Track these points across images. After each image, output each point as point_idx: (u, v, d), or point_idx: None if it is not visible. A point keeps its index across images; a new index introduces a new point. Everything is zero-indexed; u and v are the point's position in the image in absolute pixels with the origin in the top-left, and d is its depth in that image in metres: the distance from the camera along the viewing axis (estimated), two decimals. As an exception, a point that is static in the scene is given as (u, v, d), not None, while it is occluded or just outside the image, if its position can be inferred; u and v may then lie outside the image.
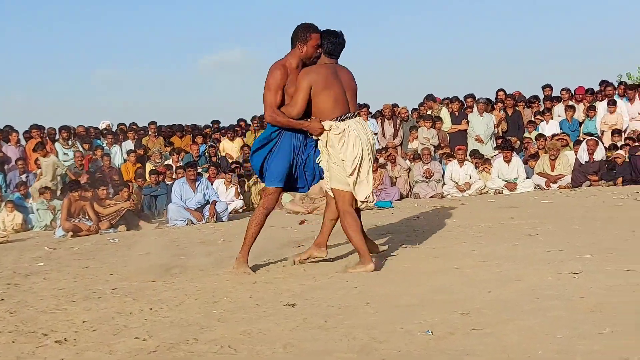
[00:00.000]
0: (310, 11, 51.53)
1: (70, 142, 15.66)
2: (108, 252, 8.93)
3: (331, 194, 6.39)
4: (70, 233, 11.36)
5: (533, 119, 16.18)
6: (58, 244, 10.48)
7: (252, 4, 50.82)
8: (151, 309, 5.09)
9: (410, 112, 16.84)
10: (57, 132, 15.80)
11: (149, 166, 15.32)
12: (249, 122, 17.94)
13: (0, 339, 4.43)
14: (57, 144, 15.48)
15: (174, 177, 14.04)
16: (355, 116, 6.13)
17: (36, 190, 13.45)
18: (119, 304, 5.36)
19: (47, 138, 15.47)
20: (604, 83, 16.80)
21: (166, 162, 15.30)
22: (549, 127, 15.80)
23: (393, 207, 12.61)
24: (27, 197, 13.50)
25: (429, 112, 16.44)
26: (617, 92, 16.22)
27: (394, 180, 14.43)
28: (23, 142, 15.75)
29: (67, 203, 11.78)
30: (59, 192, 13.51)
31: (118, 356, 3.90)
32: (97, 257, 8.52)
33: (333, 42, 6.09)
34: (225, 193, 13.61)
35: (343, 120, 5.97)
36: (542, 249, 6.59)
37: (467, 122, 15.84)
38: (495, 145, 15.56)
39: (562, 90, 16.73)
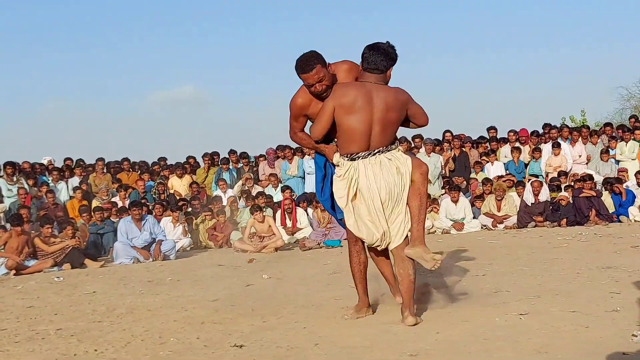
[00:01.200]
0: (262, 50, 51.68)
1: (15, 178, 15.38)
2: (52, 291, 8.76)
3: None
4: (13, 271, 11.13)
5: (480, 160, 16.45)
6: (0, 282, 10.25)
7: (204, 41, 50.77)
8: (96, 350, 5.03)
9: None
10: (2, 167, 15.53)
11: (95, 203, 15.13)
12: (198, 159, 17.86)
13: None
14: (1, 180, 15.21)
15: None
16: (376, 154, 5.36)
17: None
18: (64, 345, 5.28)
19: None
20: (548, 126, 17.22)
21: (112, 199, 15.14)
22: (494, 169, 16.07)
23: (342, 246, 12.62)
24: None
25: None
26: (560, 135, 16.65)
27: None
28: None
29: (6, 237, 11.57)
30: None
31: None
32: (41, 296, 8.35)
33: (370, 55, 5.30)
34: (172, 231, 13.48)
35: (353, 159, 5.34)
36: (489, 289, 6.67)
37: (415, 163, 15.98)
38: (442, 185, 15.76)
39: (510, 132, 17.05)
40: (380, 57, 5.28)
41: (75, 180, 16.24)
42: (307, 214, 14.06)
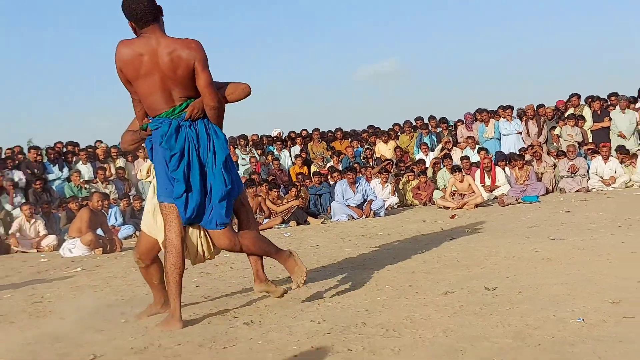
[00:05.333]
0: (458, 22, 50.62)
1: (247, 149, 16.33)
2: (282, 245, 9.07)
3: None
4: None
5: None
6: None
7: (407, 16, 50.48)
8: (323, 298, 5.18)
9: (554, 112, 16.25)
10: (237, 140, 16.53)
11: (313, 168, 15.69)
12: (403, 125, 17.86)
13: (197, 321, 4.71)
14: (237, 150, 16.17)
15: (333, 175, 14.30)
16: None
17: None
18: (296, 290, 5.51)
19: (231, 145, 16.17)
20: None
21: (328, 165, 15.58)
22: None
23: (540, 202, 12.25)
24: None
25: (571, 111, 15.81)
26: None
27: (540, 176, 14.00)
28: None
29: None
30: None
31: (298, 337, 4.03)
32: (273, 249, 8.79)
33: None
34: (381, 191, 13.70)
35: None
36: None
37: (610, 119, 15.11)
38: (639, 141, 14.73)
39: None
40: None
41: (296, 149, 16.88)
42: (505, 172, 13.73)
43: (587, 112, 15.50)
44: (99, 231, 10.70)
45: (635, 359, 3.09)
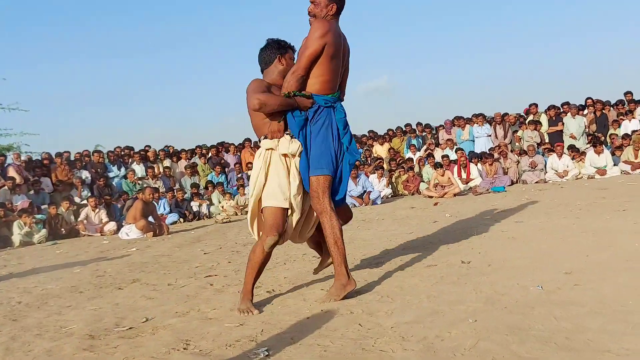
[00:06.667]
0: (437, 44, 50.30)
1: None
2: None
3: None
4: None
5: (617, 119, 15.04)
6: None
7: (396, 37, 50.11)
8: (332, 272, 5.16)
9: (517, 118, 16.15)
10: (252, 143, 16.51)
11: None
12: (395, 130, 17.78)
13: (229, 290, 4.70)
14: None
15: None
16: None
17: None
18: (308, 265, 5.51)
19: (254, 147, 16.13)
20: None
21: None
22: (632, 125, 14.59)
23: (506, 191, 12.17)
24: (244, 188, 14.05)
25: (531, 117, 15.71)
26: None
27: (506, 170, 13.91)
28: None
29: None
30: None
31: (309, 302, 4.01)
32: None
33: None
34: (378, 184, 13.66)
35: None
36: (630, 221, 6.13)
37: (563, 124, 15.00)
38: (587, 141, 14.62)
39: (645, 94, 15.47)
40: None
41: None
42: (478, 168, 13.65)
43: (543, 118, 15.40)
44: (150, 218, 10.72)
45: (584, 319, 3.05)
